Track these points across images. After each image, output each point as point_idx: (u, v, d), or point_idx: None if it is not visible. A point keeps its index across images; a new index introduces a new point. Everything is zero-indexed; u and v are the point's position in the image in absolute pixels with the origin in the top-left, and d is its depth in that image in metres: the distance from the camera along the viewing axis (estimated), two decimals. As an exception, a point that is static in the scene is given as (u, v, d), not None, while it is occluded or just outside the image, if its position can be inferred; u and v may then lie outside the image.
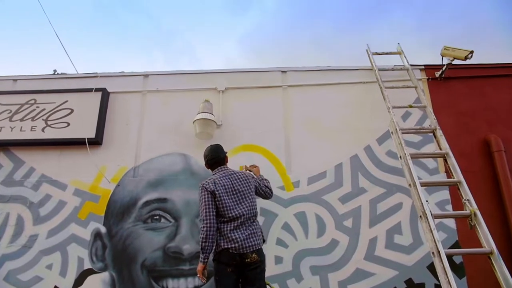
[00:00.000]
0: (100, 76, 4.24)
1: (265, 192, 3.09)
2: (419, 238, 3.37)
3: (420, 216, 2.79)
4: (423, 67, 4.04)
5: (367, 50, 4.21)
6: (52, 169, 3.88)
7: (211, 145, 3.07)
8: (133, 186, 3.74)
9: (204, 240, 2.62)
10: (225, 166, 2.99)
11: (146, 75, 4.26)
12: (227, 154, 3.07)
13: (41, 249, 3.58)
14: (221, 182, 2.81)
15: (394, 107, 3.50)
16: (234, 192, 2.81)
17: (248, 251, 2.65)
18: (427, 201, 2.78)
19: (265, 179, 3.20)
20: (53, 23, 3.86)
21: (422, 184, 2.92)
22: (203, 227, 2.64)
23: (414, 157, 3.13)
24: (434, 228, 2.63)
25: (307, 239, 3.46)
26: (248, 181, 2.95)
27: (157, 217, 3.60)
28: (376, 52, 4.13)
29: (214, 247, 2.68)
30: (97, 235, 3.60)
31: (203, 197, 2.73)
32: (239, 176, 2.94)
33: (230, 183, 2.85)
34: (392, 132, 3.41)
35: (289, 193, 3.62)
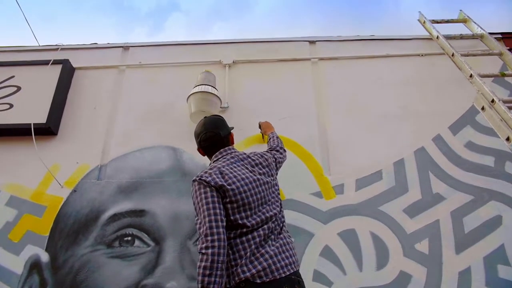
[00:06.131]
0: (62, 49, 3.14)
1: (281, 163, 2.08)
2: (539, 271, 2.15)
3: None
4: (500, 36, 3.01)
5: (419, 20, 3.20)
6: (-19, 169, 2.67)
7: (205, 117, 1.93)
8: (96, 192, 2.52)
9: (208, 273, 1.37)
10: (231, 147, 1.84)
11: (126, 47, 3.16)
12: (232, 131, 1.94)
13: None
14: (232, 171, 1.64)
15: (482, 76, 2.40)
16: (258, 186, 1.65)
17: (284, 274, 1.47)
18: None
19: (277, 137, 2.26)
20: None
21: None
22: (207, 248, 1.41)
23: (536, 135, 1.99)
24: None
25: (361, 271, 2.21)
26: (269, 165, 1.83)
27: (129, 238, 2.35)
28: (434, 20, 3.10)
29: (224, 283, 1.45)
30: (34, 266, 2.32)
31: (203, 198, 1.53)
32: (258, 160, 1.80)
33: (249, 172, 1.69)
34: (483, 108, 2.29)
35: (329, 202, 2.41)
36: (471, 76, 2.43)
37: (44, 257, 2.34)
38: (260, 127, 2.52)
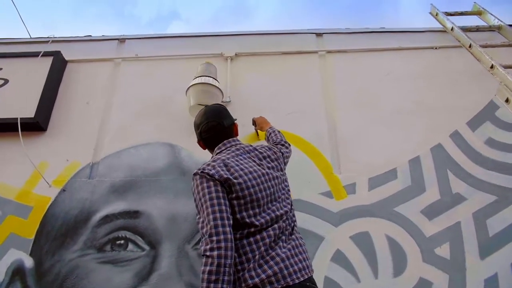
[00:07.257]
0: (53, 41, 2.96)
1: (288, 158, 1.86)
2: None
3: None
4: (518, 28, 2.85)
5: (431, 13, 3.05)
6: (-37, 167, 2.47)
7: (206, 106, 1.74)
8: (87, 192, 2.32)
9: (214, 279, 1.18)
10: (235, 139, 1.65)
11: (122, 40, 2.99)
12: (236, 121, 1.75)
13: None
14: (239, 164, 1.45)
15: (505, 67, 2.23)
16: (267, 181, 1.46)
17: (297, 280, 1.28)
18: None
19: (278, 132, 2.05)
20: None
21: None
22: (211, 249, 1.22)
23: None
24: None
25: (376, 278, 2.01)
26: (278, 159, 1.64)
27: (122, 241, 2.15)
28: (447, 12, 2.95)
29: None
30: (17, 272, 2.11)
31: (206, 193, 1.34)
32: (266, 153, 1.61)
33: (256, 165, 1.51)
34: (507, 100, 2.12)
35: (340, 203, 2.22)
36: (492, 67, 2.27)
37: (28, 262, 2.13)
38: (254, 123, 2.33)
